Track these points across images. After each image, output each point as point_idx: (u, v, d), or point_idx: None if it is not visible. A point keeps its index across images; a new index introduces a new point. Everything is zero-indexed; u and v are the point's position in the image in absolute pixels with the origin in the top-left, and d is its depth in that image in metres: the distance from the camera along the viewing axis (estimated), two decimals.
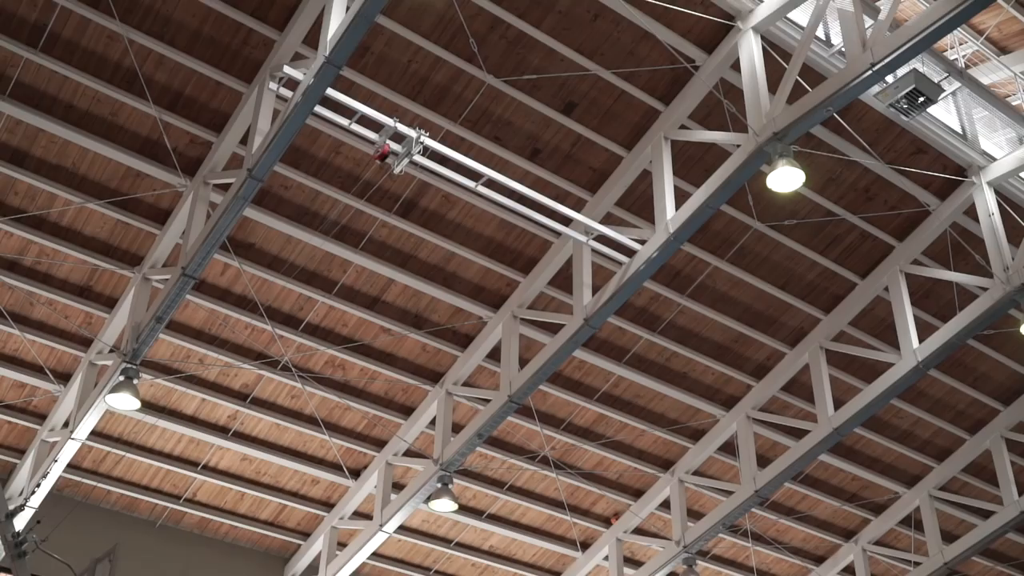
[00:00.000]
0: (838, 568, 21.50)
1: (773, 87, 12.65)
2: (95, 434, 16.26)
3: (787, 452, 16.96)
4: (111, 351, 14.74)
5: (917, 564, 20.12)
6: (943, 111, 15.38)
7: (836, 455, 19.42)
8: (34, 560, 12.73)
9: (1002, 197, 15.47)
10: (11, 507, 13.88)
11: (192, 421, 16.88)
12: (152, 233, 14.51)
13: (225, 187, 13.31)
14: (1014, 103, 15.70)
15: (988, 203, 15.03)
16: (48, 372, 15.50)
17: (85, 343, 15.44)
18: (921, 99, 13.25)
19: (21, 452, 16.58)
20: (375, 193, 14.72)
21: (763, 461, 17.78)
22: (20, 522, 14.47)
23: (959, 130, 15.42)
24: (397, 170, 12.55)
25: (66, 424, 15.29)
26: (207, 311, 15.58)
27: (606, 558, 19.92)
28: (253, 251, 15.07)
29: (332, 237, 15.04)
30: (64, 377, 15.77)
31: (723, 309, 16.97)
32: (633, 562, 20.14)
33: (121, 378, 13.62)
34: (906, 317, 15.46)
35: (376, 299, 15.97)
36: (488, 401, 15.75)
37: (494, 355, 16.39)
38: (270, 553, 19.13)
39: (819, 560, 21.65)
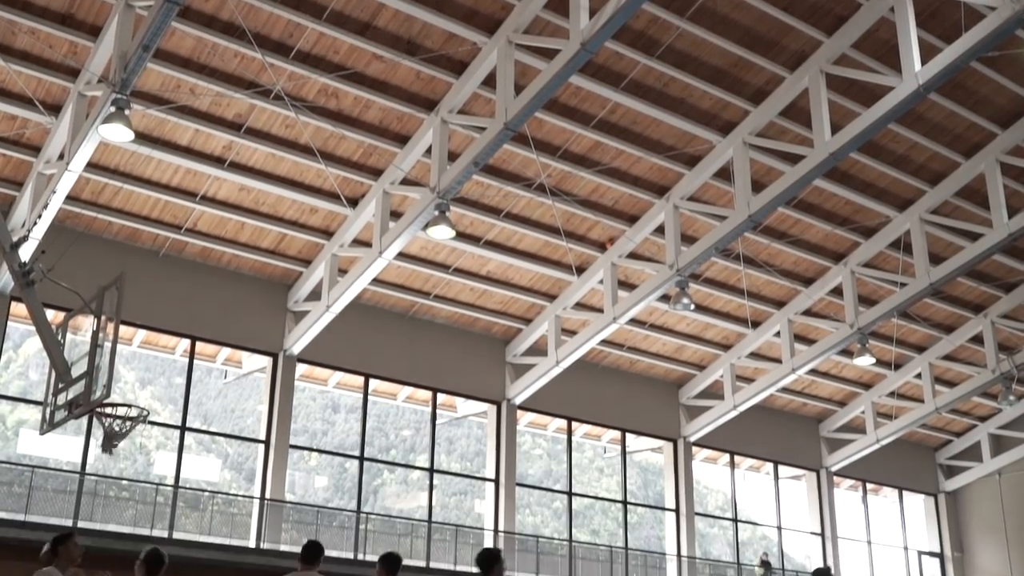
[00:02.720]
0: (826, 289, 22.16)
1: None
2: (91, 166, 16.26)
3: (782, 177, 17.05)
4: (99, 81, 14.47)
5: (903, 285, 20.69)
6: None
7: (830, 180, 19.53)
8: (42, 289, 12.99)
9: None
10: (15, 238, 14.03)
11: (187, 152, 16.84)
12: None
13: None
14: None
15: None
16: (38, 104, 15.29)
17: (72, 73, 15.15)
18: None
19: (19, 185, 16.64)
20: None
21: (758, 186, 17.89)
22: (25, 253, 14.70)
23: None
24: None
25: (61, 156, 15.26)
26: (194, 39, 15.18)
27: (601, 281, 20.49)
28: None
29: None
30: (55, 109, 15.58)
31: (723, 32, 16.54)
32: (627, 285, 20.68)
33: (112, 109, 13.47)
34: (910, 38, 15.09)
35: (367, 24, 15.52)
36: (484, 129, 15.67)
37: (489, 82, 16.12)
38: (273, 280, 19.63)
39: (808, 282, 22.25)
